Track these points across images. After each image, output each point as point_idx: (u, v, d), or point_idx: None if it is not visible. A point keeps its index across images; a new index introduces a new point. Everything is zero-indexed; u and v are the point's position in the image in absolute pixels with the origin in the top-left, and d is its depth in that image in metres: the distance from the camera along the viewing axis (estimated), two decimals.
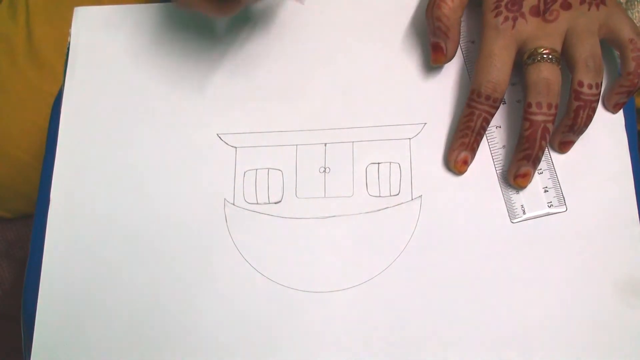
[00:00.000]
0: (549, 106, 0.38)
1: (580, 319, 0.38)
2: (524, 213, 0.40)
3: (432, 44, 0.42)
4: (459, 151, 0.41)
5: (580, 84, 0.39)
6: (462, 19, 0.44)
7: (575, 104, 0.39)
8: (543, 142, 0.39)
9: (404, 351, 0.39)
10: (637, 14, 0.55)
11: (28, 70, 0.63)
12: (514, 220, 0.40)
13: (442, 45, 0.42)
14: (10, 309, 0.71)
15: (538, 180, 0.41)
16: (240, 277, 0.41)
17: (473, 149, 0.41)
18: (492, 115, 0.40)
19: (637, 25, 0.42)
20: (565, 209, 0.40)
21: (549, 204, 0.40)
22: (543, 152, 0.39)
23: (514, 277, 0.39)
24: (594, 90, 0.39)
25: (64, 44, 0.47)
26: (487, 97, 0.39)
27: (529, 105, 0.39)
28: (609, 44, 0.41)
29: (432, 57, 0.42)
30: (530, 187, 0.40)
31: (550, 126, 0.38)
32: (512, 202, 0.41)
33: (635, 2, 0.54)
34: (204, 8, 0.39)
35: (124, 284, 0.41)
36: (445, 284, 0.39)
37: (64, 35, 0.49)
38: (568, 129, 0.40)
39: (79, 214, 0.43)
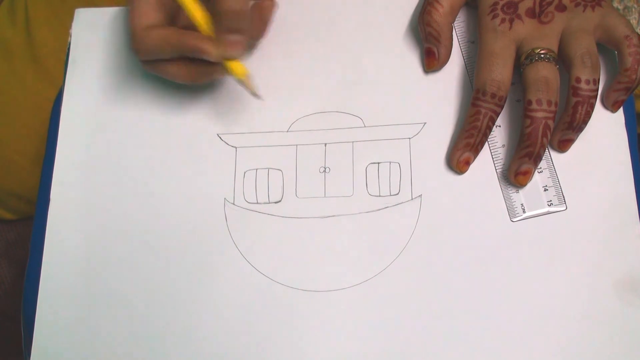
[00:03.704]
0: (549, 103, 0.38)
1: (579, 317, 0.38)
2: (524, 212, 0.40)
3: (424, 49, 0.43)
4: (462, 151, 0.41)
5: (578, 80, 0.39)
6: (461, 20, 0.44)
7: (574, 100, 0.39)
8: (544, 139, 0.39)
9: (404, 350, 0.39)
10: (634, 21, 0.55)
11: (26, 75, 0.63)
12: (514, 219, 0.40)
13: (434, 50, 0.42)
14: (10, 309, 0.71)
15: (538, 179, 0.41)
16: (240, 276, 0.41)
17: (477, 150, 0.41)
18: (498, 114, 0.40)
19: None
20: (565, 208, 0.40)
21: (549, 203, 0.40)
22: (544, 150, 0.39)
23: (514, 275, 0.39)
24: (591, 86, 0.39)
25: (63, 49, 0.47)
26: (493, 95, 0.39)
27: (529, 102, 0.39)
28: (606, 44, 0.41)
29: (425, 62, 0.43)
30: (530, 185, 0.41)
31: (551, 123, 0.39)
32: (512, 200, 0.41)
33: (633, 9, 0.54)
34: (174, 75, 0.41)
35: (124, 284, 0.41)
36: (445, 283, 0.39)
37: (63, 41, 0.49)
38: (567, 126, 0.40)
39: (79, 214, 0.43)
